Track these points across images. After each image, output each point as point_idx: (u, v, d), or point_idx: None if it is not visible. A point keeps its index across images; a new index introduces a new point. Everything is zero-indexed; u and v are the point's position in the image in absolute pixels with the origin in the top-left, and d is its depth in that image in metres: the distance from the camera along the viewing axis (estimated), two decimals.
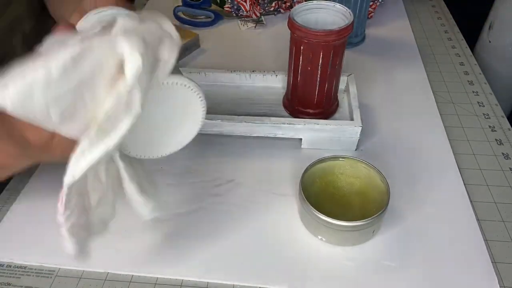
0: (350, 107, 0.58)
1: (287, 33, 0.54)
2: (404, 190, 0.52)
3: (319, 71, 0.54)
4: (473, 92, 0.68)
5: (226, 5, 0.85)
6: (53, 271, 0.45)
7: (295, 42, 0.53)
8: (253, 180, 0.53)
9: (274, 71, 0.64)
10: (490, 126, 0.61)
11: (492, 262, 0.45)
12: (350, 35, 0.64)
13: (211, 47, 0.78)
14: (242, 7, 0.84)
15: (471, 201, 0.51)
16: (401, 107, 0.64)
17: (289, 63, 0.57)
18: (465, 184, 0.53)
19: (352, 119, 0.56)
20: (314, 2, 0.55)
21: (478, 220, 0.49)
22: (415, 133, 0.60)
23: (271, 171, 0.54)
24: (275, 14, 0.87)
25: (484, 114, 0.63)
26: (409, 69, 0.72)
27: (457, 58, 0.76)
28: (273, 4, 0.86)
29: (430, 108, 0.64)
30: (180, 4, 0.86)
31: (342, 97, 0.62)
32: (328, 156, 0.49)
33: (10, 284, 0.44)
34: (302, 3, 0.55)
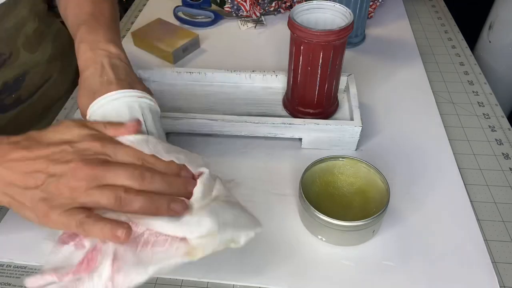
0: (350, 107, 0.58)
1: (287, 33, 0.54)
2: (404, 190, 0.52)
3: (319, 71, 0.54)
4: (473, 92, 0.68)
5: (226, 5, 0.85)
6: None
7: (295, 42, 0.53)
8: (253, 180, 0.53)
9: (274, 71, 0.64)
10: (490, 126, 0.61)
11: (492, 262, 0.45)
12: (350, 35, 0.64)
13: (211, 47, 0.78)
14: (242, 7, 0.84)
15: (471, 201, 0.51)
16: (401, 107, 0.64)
17: (289, 63, 0.57)
18: (465, 184, 0.53)
19: (352, 119, 0.56)
20: (314, 2, 0.55)
21: (478, 220, 0.49)
22: (415, 133, 0.60)
23: (271, 171, 0.54)
24: (275, 14, 0.87)
25: (484, 114, 0.63)
26: (409, 69, 0.72)
27: (457, 58, 0.76)
28: (273, 4, 0.86)
29: (430, 108, 0.64)
30: (180, 4, 0.86)
31: (342, 97, 0.62)
32: (328, 156, 0.49)
33: (10, 284, 0.44)
34: (302, 3, 0.55)
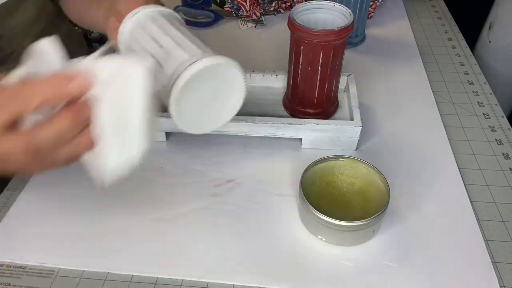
0: (350, 107, 0.58)
1: (287, 33, 0.54)
2: (404, 190, 0.52)
3: (319, 71, 0.54)
4: (473, 92, 0.68)
5: (226, 5, 0.85)
6: (53, 271, 0.45)
7: (295, 42, 0.53)
8: (253, 180, 0.53)
9: (274, 71, 0.64)
10: (490, 126, 0.61)
11: (492, 262, 0.45)
12: (350, 35, 0.64)
13: (211, 47, 0.78)
14: (242, 7, 0.84)
15: (471, 201, 0.51)
16: (401, 107, 0.64)
17: (289, 63, 0.57)
18: (465, 184, 0.53)
19: (352, 119, 0.56)
20: (314, 2, 0.55)
21: (478, 220, 0.49)
22: (415, 133, 0.60)
23: (271, 171, 0.54)
24: (275, 14, 0.87)
25: (484, 114, 0.63)
26: (409, 69, 0.72)
27: (457, 58, 0.76)
28: (273, 4, 0.86)
29: (430, 108, 0.64)
30: (180, 4, 0.86)
31: (342, 97, 0.62)
32: (328, 156, 0.49)
33: (10, 284, 0.44)
34: (302, 3, 0.55)
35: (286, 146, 0.58)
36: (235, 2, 0.84)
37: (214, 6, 0.88)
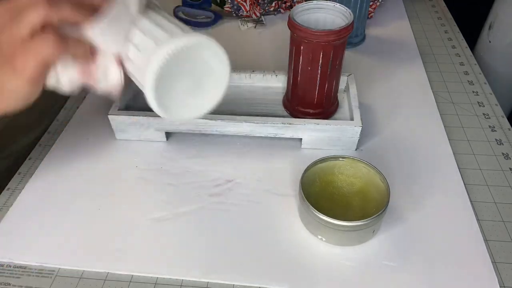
0: (350, 107, 0.58)
1: (287, 33, 0.54)
2: (404, 190, 0.52)
3: (319, 71, 0.54)
4: (473, 92, 0.68)
5: (226, 5, 0.85)
6: (53, 271, 0.45)
7: (295, 42, 0.53)
8: (253, 180, 0.53)
9: (274, 71, 0.64)
10: (490, 126, 0.61)
11: (492, 262, 0.45)
12: (350, 35, 0.64)
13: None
14: (242, 7, 0.84)
15: (471, 201, 0.51)
16: (401, 107, 0.64)
17: (289, 63, 0.57)
18: (465, 184, 0.53)
19: (352, 119, 0.56)
20: (314, 2, 0.55)
21: (478, 220, 0.49)
22: (415, 133, 0.60)
23: (271, 171, 0.55)
24: (275, 14, 0.87)
25: (484, 114, 0.63)
26: (409, 69, 0.72)
27: (457, 58, 0.76)
28: (273, 4, 0.86)
29: (430, 108, 0.64)
30: (180, 4, 0.86)
31: (342, 97, 0.62)
32: (328, 156, 0.49)
33: (10, 284, 0.44)
34: (302, 3, 0.55)
35: (286, 146, 0.58)
36: (235, 2, 0.84)
37: (214, 6, 0.88)
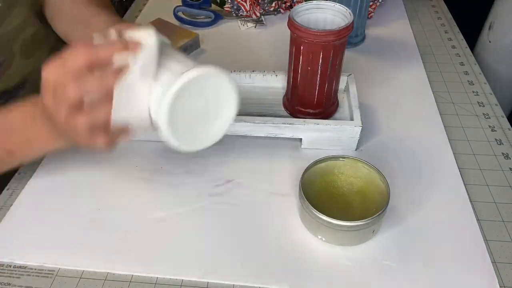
0: (350, 107, 0.58)
1: (287, 33, 0.54)
2: (404, 190, 0.52)
3: (319, 71, 0.54)
4: (473, 92, 0.68)
5: (226, 5, 0.85)
6: (53, 271, 0.45)
7: (295, 42, 0.53)
8: (253, 180, 0.53)
9: (274, 71, 0.64)
10: (490, 126, 0.61)
11: (492, 262, 0.45)
12: (350, 35, 0.64)
13: (211, 47, 0.78)
14: (242, 7, 0.84)
15: (471, 201, 0.51)
16: (401, 107, 0.64)
17: (289, 63, 0.57)
18: (465, 184, 0.53)
19: (352, 119, 0.56)
20: (314, 2, 0.55)
21: (478, 220, 0.49)
22: (415, 133, 0.60)
23: (271, 171, 0.54)
24: (275, 14, 0.87)
25: (484, 114, 0.63)
26: (409, 69, 0.72)
27: (457, 58, 0.76)
28: (273, 4, 0.86)
29: (430, 108, 0.64)
30: (180, 4, 0.86)
31: (342, 97, 0.62)
32: (328, 156, 0.49)
33: (10, 284, 0.44)
34: (302, 3, 0.55)
35: (286, 146, 0.58)
36: (235, 2, 0.84)
37: (214, 6, 0.88)
